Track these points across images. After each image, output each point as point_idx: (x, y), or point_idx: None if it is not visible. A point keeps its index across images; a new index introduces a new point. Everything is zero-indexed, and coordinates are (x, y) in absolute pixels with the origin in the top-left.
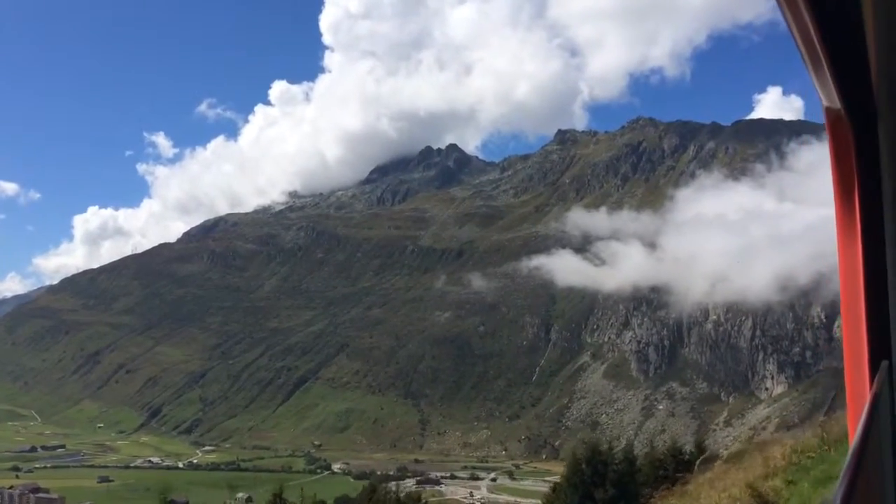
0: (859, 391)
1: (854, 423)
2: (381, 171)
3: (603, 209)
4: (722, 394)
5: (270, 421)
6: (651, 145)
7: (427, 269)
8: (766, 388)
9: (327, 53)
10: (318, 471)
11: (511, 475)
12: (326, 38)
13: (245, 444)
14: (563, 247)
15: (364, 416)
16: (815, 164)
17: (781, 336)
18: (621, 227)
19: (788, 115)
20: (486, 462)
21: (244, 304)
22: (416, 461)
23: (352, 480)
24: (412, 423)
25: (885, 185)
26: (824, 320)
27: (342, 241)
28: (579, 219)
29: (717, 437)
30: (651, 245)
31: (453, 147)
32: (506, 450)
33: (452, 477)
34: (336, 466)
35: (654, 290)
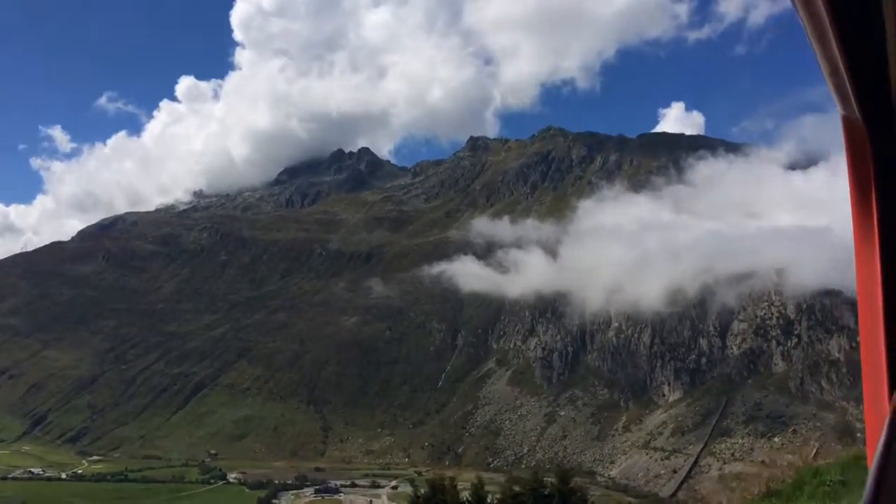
0: (878, 410)
1: (873, 442)
2: (290, 173)
3: (506, 217)
4: (621, 400)
5: (164, 429)
6: (560, 155)
7: (335, 273)
8: (664, 395)
9: (238, 50)
10: (213, 481)
11: (412, 482)
12: (238, 35)
13: (135, 454)
14: (471, 254)
15: (264, 423)
16: (710, 178)
17: (678, 344)
18: (525, 234)
19: (690, 130)
20: (389, 469)
21: (141, 306)
22: (317, 469)
23: (247, 491)
24: (314, 430)
25: None
26: (718, 328)
27: (248, 243)
28: (484, 226)
29: (616, 443)
30: (553, 253)
31: (365, 150)
32: (409, 457)
33: (353, 485)
34: (232, 476)
35: (558, 297)
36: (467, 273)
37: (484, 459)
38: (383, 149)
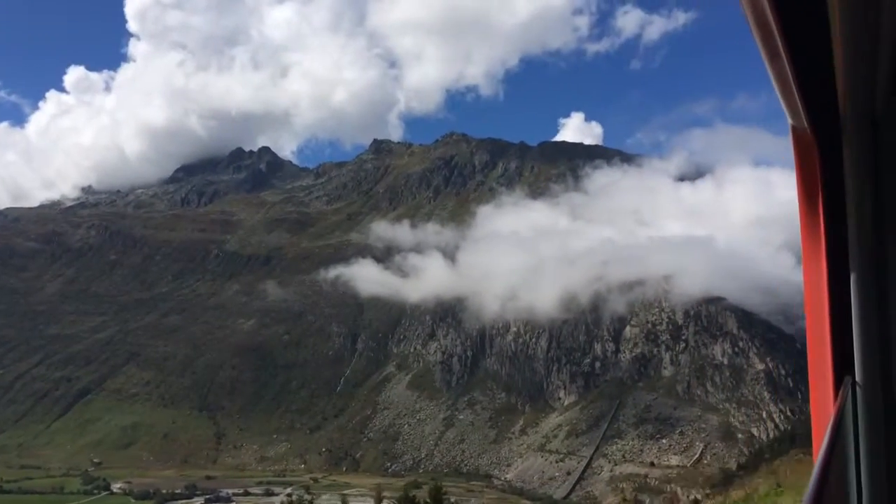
0: (824, 406)
1: (819, 438)
2: (186, 171)
3: (406, 221)
4: (519, 403)
5: (44, 437)
6: (463, 160)
7: (232, 274)
8: (559, 398)
9: (132, 41)
10: (95, 491)
11: (308, 489)
12: (132, 25)
13: (12, 464)
14: (371, 257)
15: (153, 430)
16: (605, 186)
17: (574, 348)
18: (425, 239)
19: (589, 140)
20: (284, 476)
21: (20, 307)
22: (208, 478)
23: (133, 501)
24: (206, 437)
25: (850, 202)
26: (612, 333)
27: (139, 243)
28: (384, 230)
29: (512, 446)
30: (453, 258)
31: (266, 150)
32: (305, 463)
33: (246, 493)
34: (116, 486)
35: (458, 302)
36: (367, 277)
37: (382, 464)
38: (285, 149)
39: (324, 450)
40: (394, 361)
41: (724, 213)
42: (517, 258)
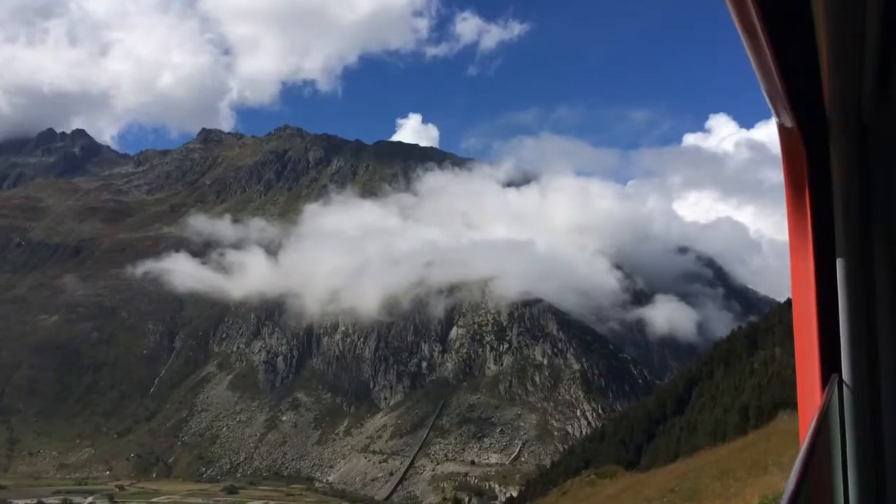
0: (810, 404)
1: (805, 435)
2: None
3: (230, 216)
4: (344, 404)
5: None
6: (297, 155)
7: (36, 265)
8: (385, 399)
9: None
10: None
11: (112, 498)
12: None
13: None
14: (191, 252)
15: None
16: (436, 189)
17: (402, 348)
18: (249, 235)
19: (425, 142)
20: (85, 484)
21: None
22: None
23: None
24: None
25: (837, 201)
26: (439, 334)
27: None
28: (206, 224)
29: (336, 447)
30: (278, 256)
31: (81, 133)
32: (111, 470)
33: None
34: None
35: (285, 300)
36: (185, 272)
37: (197, 470)
38: (104, 133)
39: (132, 455)
40: (214, 361)
41: (546, 219)
42: (342, 258)
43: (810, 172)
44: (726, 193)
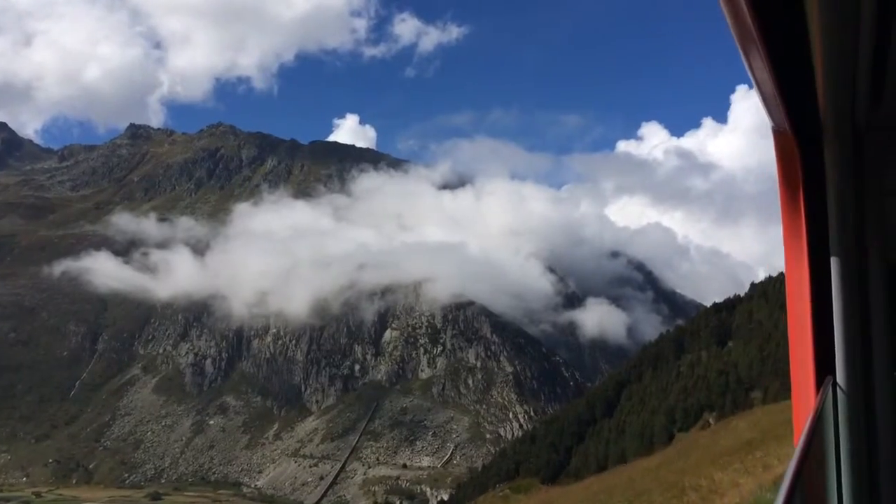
0: (805, 406)
1: (799, 432)
2: None
3: (154, 214)
4: (275, 407)
5: None
6: (229, 153)
7: None
8: (317, 401)
9: None
10: None
11: None
12: None
13: None
14: (111, 251)
15: None
16: (371, 190)
17: (335, 350)
18: (177, 234)
19: (362, 143)
20: (1, 491)
21: None
22: None
23: None
24: None
25: (831, 203)
26: (373, 336)
27: None
28: (131, 222)
29: (265, 451)
30: (208, 256)
31: (2, 126)
32: (28, 476)
33: None
34: None
35: (214, 301)
36: (107, 272)
37: (119, 475)
38: (27, 127)
39: (51, 461)
40: (139, 363)
41: (480, 222)
42: (271, 259)
43: (804, 175)
44: (656, 199)
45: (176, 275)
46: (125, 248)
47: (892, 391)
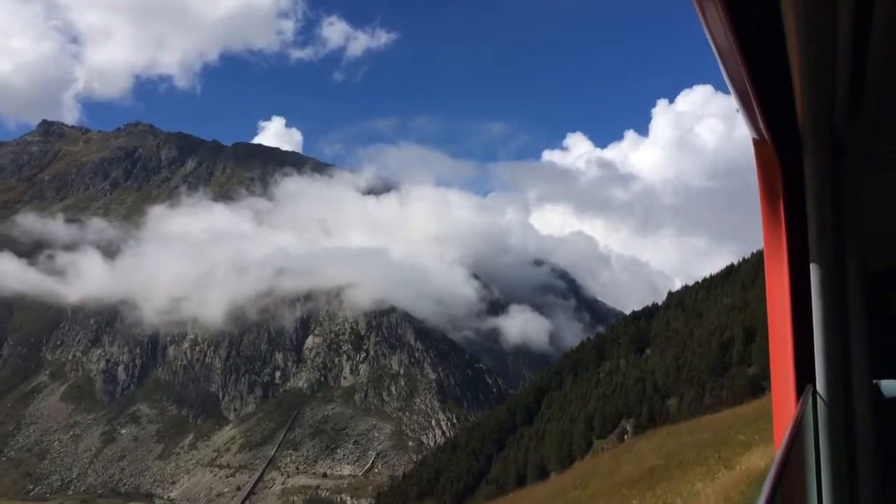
0: (785, 415)
1: (779, 442)
2: None
3: (60, 216)
4: (191, 416)
5: None
6: (148, 153)
7: None
8: (235, 410)
9: None
10: None
11: None
12: None
13: None
14: (14, 252)
15: None
16: (293, 194)
17: (255, 357)
18: (83, 236)
19: (288, 146)
20: None
21: None
22: None
23: None
24: None
25: (811, 212)
26: (295, 342)
27: None
28: (33, 223)
29: (180, 461)
30: (120, 259)
31: None
32: None
33: None
34: None
35: (126, 306)
36: (12, 274)
37: (23, 487)
38: None
39: None
40: (47, 370)
41: (405, 228)
42: (186, 263)
43: (784, 184)
44: (579, 209)
45: (85, 278)
46: (30, 250)
47: (872, 400)
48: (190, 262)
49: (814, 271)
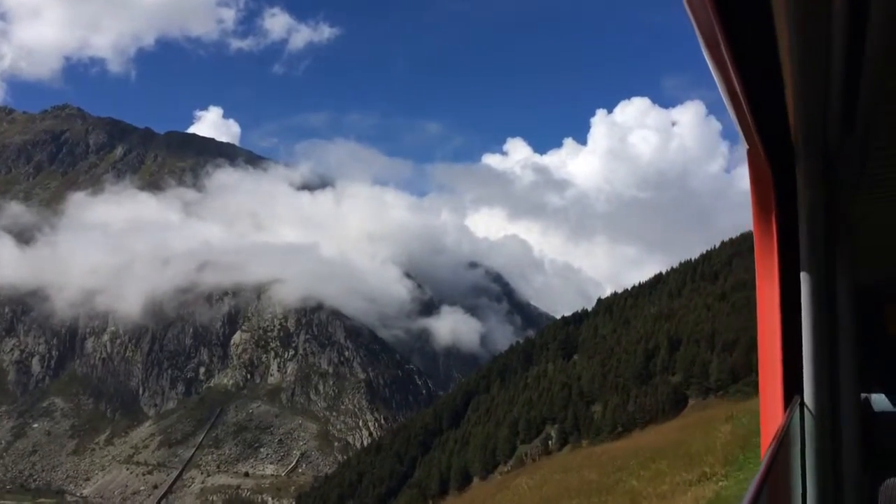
0: (772, 425)
1: (765, 454)
2: None
3: None
4: (108, 411)
5: None
6: (76, 138)
7: None
8: (156, 405)
9: None
10: None
11: None
12: None
13: None
14: None
15: None
16: (224, 186)
17: (178, 352)
18: (3, 221)
19: (225, 138)
20: None
21: None
22: None
23: None
24: None
25: (802, 224)
26: (221, 338)
27: None
28: None
29: (95, 458)
30: (32, 246)
31: None
32: None
33: None
34: None
35: (42, 295)
36: None
37: None
38: None
39: None
40: None
41: (338, 225)
42: (103, 253)
43: (777, 195)
44: (514, 213)
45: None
46: None
47: (859, 413)
48: (108, 252)
49: (804, 282)
